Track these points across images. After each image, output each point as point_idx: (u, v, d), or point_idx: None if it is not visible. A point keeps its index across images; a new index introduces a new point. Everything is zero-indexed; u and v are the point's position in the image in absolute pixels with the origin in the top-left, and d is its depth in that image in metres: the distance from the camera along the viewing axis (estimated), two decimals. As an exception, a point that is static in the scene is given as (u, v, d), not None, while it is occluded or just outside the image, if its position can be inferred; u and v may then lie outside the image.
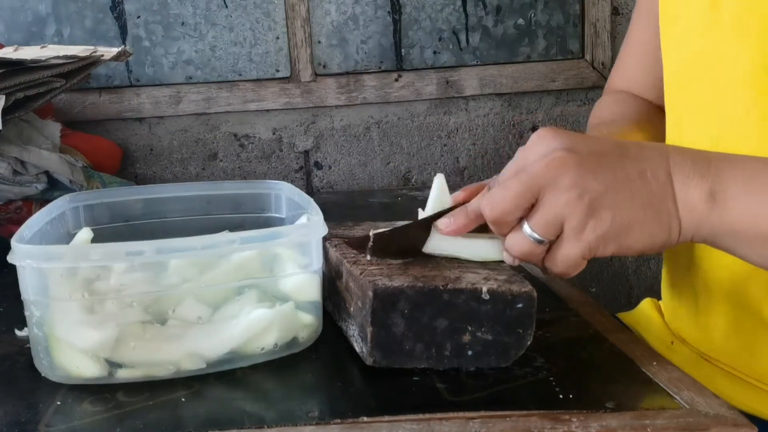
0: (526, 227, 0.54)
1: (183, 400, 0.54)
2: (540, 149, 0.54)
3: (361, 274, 0.57)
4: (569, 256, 0.54)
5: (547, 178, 0.53)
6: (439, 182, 0.64)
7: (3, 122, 0.84)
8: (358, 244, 0.61)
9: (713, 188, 0.53)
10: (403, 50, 1.39)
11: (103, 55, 0.96)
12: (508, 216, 0.54)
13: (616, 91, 0.91)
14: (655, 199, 0.53)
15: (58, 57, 0.92)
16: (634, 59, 0.89)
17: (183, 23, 1.34)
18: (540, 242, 0.54)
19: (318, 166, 1.42)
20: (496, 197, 0.55)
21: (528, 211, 0.54)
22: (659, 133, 0.79)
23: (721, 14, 0.65)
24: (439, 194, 0.64)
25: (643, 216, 0.53)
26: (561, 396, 0.53)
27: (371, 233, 0.61)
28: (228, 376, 0.58)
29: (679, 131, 0.72)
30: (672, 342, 0.79)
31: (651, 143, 0.57)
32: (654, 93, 0.84)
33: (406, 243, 0.61)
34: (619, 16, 1.43)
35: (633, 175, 0.53)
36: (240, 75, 1.37)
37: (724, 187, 0.53)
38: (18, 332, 0.66)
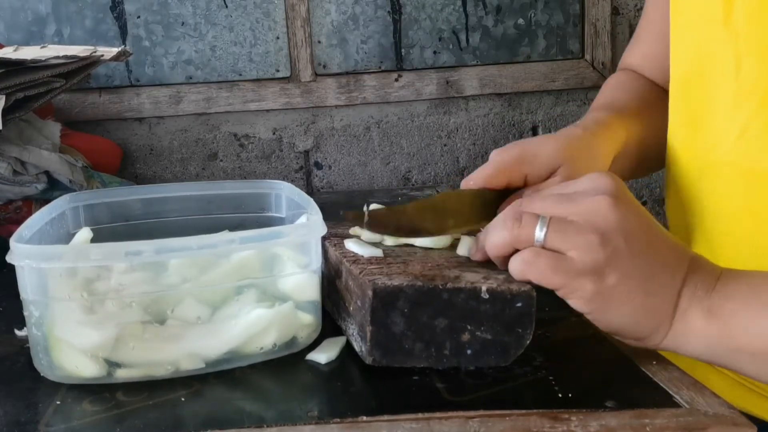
0: (542, 221, 0.52)
1: (182, 399, 0.54)
2: (596, 184, 0.54)
3: (360, 273, 0.57)
4: (546, 275, 0.52)
5: (587, 210, 0.52)
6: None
7: (3, 122, 0.84)
8: (353, 218, 0.61)
9: (712, 304, 0.52)
10: (403, 50, 1.39)
11: (103, 55, 0.96)
12: (534, 210, 0.54)
13: (627, 70, 0.90)
14: (660, 295, 0.53)
15: (58, 57, 0.92)
16: (646, 40, 0.87)
17: (183, 23, 1.34)
18: (538, 238, 0.52)
19: (318, 166, 1.42)
20: (528, 202, 0.55)
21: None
22: (656, 124, 0.78)
23: (732, 9, 0.64)
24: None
25: (642, 302, 0.52)
26: (560, 395, 0.53)
27: (365, 209, 0.60)
28: (227, 375, 0.58)
29: (692, 134, 0.71)
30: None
31: (681, 245, 0.56)
32: (663, 78, 0.82)
33: (405, 222, 0.61)
34: (619, 16, 1.43)
35: (657, 261, 0.53)
36: (240, 75, 1.37)
37: (722, 302, 0.52)
38: (17, 332, 0.66)
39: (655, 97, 0.83)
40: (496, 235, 0.55)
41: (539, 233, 0.52)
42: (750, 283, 0.53)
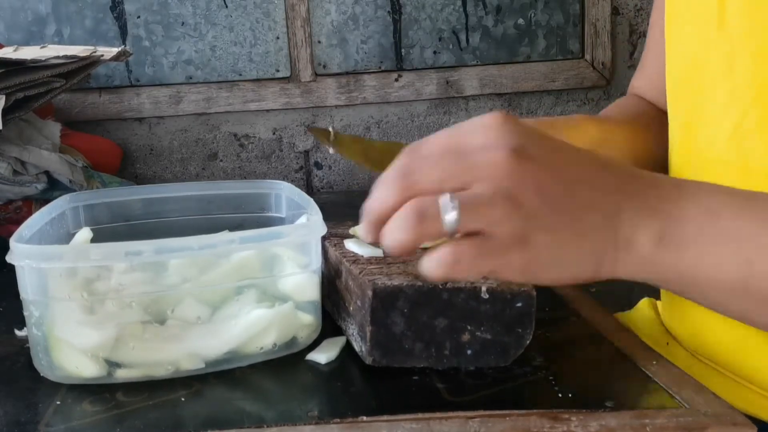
0: (448, 200, 0.43)
1: (182, 400, 0.54)
2: (490, 136, 0.45)
3: (360, 273, 0.57)
4: (475, 268, 0.45)
5: (490, 173, 0.44)
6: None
7: (3, 122, 0.84)
8: (318, 133, 0.58)
9: (663, 229, 0.47)
10: (403, 50, 1.39)
11: (103, 55, 0.96)
12: (427, 185, 0.45)
13: (631, 95, 0.90)
14: (593, 233, 0.47)
15: (58, 57, 0.92)
16: (648, 63, 0.87)
17: (183, 23, 1.34)
18: (450, 228, 0.44)
19: (318, 166, 1.42)
20: (417, 162, 0.46)
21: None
22: (644, 140, 0.78)
23: (726, 11, 0.64)
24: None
25: (577, 249, 0.47)
26: (560, 395, 0.53)
27: (330, 128, 0.58)
28: (227, 376, 0.58)
29: (687, 133, 0.71)
30: (668, 343, 0.79)
31: (614, 163, 0.50)
32: (663, 100, 0.83)
33: (374, 154, 0.58)
34: (619, 16, 1.43)
35: (582, 201, 0.47)
36: (240, 75, 1.37)
37: (675, 228, 0.47)
38: (17, 332, 0.66)
39: (648, 116, 0.83)
40: (397, 237, 0.45)
41: (450, 220, 0.44)
42: (709, 208, 0.48)
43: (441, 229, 0.44)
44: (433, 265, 0.45)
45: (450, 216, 0.43)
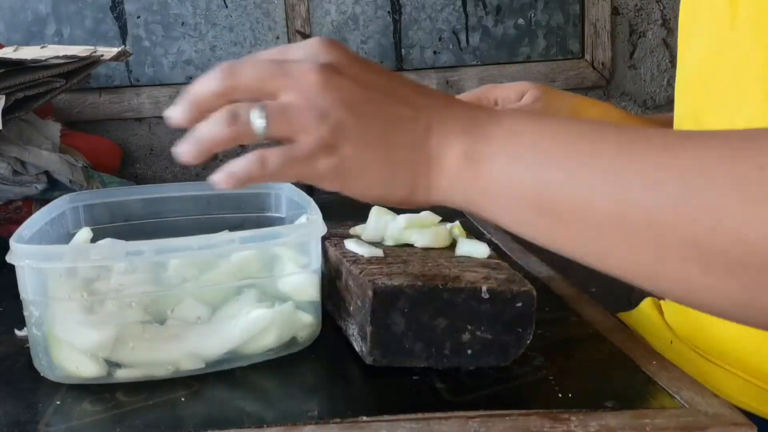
0: (257, 107, 0.46)
1: (182, 399, 0.54)
2: (310, 51, 0.49)
3: (360, 273, 0.57)
4: (281, 169, 0.47)
5: (301, 83, 0.47)
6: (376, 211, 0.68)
7: (3, 122, 0.84)
8: None
9: (469, 147, 0.48)
10: (403, 50, 1.39)
11: (103, 55, 0.96)
12: (241, 87, 0.47)
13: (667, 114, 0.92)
14: (403, 148, 0.48)
15: (58, 57, 0.92)
16: None
17: (183, 23, 1.34)
18: (259, 132, 0.46)
19: (318, 166, 1.42)
20: (240, 64, 0.48)
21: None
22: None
23: (738, 12, 0.66)
24: (376, 221, 0.67)
25: (386, 163, 0.48)
26: (560, 395, 0.53)
27: None
28: (227, 375, 0.58)
29: (697, 127, 0.73)
30: (671, 341, 0.79)
31: (432, 90, 0.52)
32: None
33: None
34: (619, 15, 1.43)
35: (391, 117, 0.48)
36: (240, 75, 1.37)
37: (481, 146, 0.48)
38: (17, 332, 0.66)
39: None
40: (209, 131, 0.48)
41: (259, 125, 0.46)
42: (511, 129, 0.48)
43: (251, 132, 0.47)
44: (239, 166, 0.47)
45: (259, 121, 0.46)
